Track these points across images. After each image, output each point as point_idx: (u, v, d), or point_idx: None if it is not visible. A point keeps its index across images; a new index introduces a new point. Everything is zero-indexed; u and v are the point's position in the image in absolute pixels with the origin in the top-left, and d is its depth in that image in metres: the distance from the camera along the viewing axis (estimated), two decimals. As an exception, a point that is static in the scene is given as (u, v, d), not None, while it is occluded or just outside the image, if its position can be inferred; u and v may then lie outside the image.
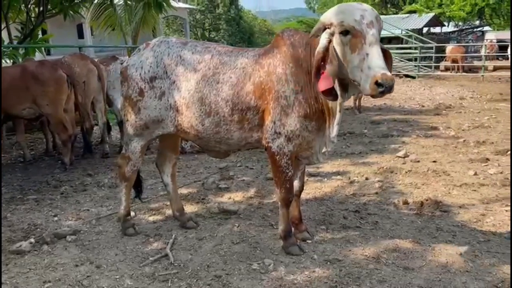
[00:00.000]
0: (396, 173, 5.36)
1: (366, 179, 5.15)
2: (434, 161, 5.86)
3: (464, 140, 7.01)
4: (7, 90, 5.34)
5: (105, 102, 6.62)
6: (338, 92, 2.78)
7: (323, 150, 3.12)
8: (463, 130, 7.94)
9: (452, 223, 3.85)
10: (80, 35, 23.50)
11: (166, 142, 3.72)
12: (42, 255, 3.33)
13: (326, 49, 2.69)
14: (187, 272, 3.03)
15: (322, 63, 2.71)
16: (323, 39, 2.71)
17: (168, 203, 4.07)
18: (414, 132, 7.84)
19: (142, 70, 3.24)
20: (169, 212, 4.09)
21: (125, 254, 3.33)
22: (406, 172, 5.38)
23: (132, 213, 4.03)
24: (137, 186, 3.83)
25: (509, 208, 4.16)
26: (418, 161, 5.87)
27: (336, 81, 2.77)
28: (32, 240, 3.49)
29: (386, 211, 4.13)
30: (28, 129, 7.51)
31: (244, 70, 3.06)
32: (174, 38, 3.41)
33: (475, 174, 5.23)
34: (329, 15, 2.69)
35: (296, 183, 3.37)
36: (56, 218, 4.07)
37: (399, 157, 6.09)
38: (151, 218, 4.06)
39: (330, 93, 2.71)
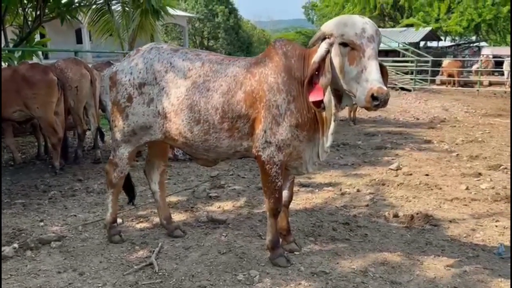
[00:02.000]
0: (387, 186, 5.34)
1: (358, 191, 5.12)
2: (427, 175, 5.85)
3: (457, 154, 7.02)
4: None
5: (97, 108, 6.58)
6: (332, 103, 2.80)
7: (315, 160, 3.10)
8: (456, 144, 7.94)
9: (441, 237, 3.82)
10: (79, 40, 23.52)
11: (155, 149, 3.69)
12: (24, 261, 3.27)
13: (323, 60, 2.70)
14: (171, 282, 2.99)
15: (317, 73, 2.70)
16: (322, 49, 2.72)
17: (157, 210, 4.03)
18: (407, 144, 7.84)
19: (131, 76, 3.22)
20: (157, 220, 4.04)
21: (109, 262, 3.27)
22: (398, 185, 5.36)
23: (119, 220, 3.99)
24: (130, 191, 3.80)
25: (499, 223, 4.15)
26: (411, 174, 5.86)
27: (331, 92, 2.77)
28: (16, 245, 3.43)
29: (376, 224, 4.10)
30: (20, 133, 7.45)
31: (235, 78, 3.04)
32: (165, 44, 3.39)
33: (467, 188, 5.22)
34: (330, 25, 2.69)
35: (285, 194, 3.34)
36: (42, 223, 4.01)
37: (392, 169, 6.07)
38: (138, 226, 4.01)
39: (319, 104, 2.72)
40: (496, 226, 4.11)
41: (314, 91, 2.69)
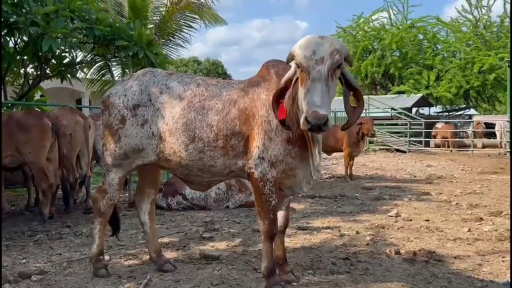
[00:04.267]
0: (388, 229, 5.16)
1: (357, 233, 4.94)
2: (427, 220, 5.68)
3: (457, 203, 6.88)
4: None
5: (90, 156, 6.52)
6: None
7: (309, 179, 3.02)
8: (455, 195, 7.82)
9: (447, 271, 3.62)
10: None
11: (146, 177, 3.59)
12: (1, 293, 3.05)
13: (290, 81, 2.73)
14: (158, 310, 2.76)
15: (285, 92, 2.73)
16: (290, 71, 2.77)
17: (147, 250, 3.83)
18: (406, 196, 7.71)
19: (125, 98, 3.21)
20: (146, 257, 3.83)
21: (93, 293, 3.05)
22: (398, 228, 5.19)
23: (107, 257, 3.78)
24: (114, 222, 3.62)
25: (506, 259, 3.95)
26: (411, 220, 5.69)
27: None
28: (-6, 278, 3.22)
29: (377, 259, 3.90)
30: (11, 185, 7.31)
31: (229, 96, 3.07)
32: (160, 69, 3.44)
33: (469, 230, 5.05)
34: (294, 46, 2.71)
35: (280, 217, 3.19)
36: (24, 261, 3.80)
37: (391, 216, 5.91)
38: (126, 262, 3.80)
39: (284, 123, 2.74)
40: (503, 261, 3.91)
41: (280, 109, 2.72)
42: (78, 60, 9.59)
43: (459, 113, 27.62)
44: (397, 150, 17.84)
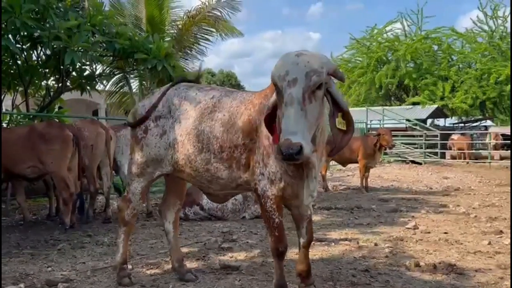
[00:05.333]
0: (406, 241, 5.15)
1: (375, 245, 4.93)
2: (445, 233, 5.64)
3: (475, 216, 6.82)
4: (12, 149, 5.41)
5: (111, 167, 6.64)
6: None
7: (306, 202, 2.93)
8: (473, 208, 7.74)
9: (468, 284, 3.60)
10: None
11: (172, 187, 3.67)
12: (29, 300, 3.13)
13: (275, 103, 2.59)
14: (182, 319, 2.81)
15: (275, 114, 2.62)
16: (274, 94, 2.63)
17: (168, 259, 3.89)
18: (423, 208, 7.66)
19: (149, 110, 3.32)
20: (168, 267, 3.90)
21: (118, 302, 3.11)
22: (417, 241, 5.17)
23: (129, 266, 3.85)
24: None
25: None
26: (429, 232, 5.66)
27: None
28: (22, 285, 3.31)
29: (397, 272, 3.90)
30: (33, 195, 7.47)
31: (237, 108, 3.07)
32: (184, 83, 3.53)
33: (489, 243, 5.00)
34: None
35: (303, 232, 3.15)
36: (49, 269, 3.89)
37: (409, 228, 5.89)
38: (148, 272, 3.87)
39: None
40: (526, 275, 3.87)
41: (275, 134, 2.60)
42: (97, 72, 9.83)
43: (475, 124, 27.30)
44: (413, 162, 17.72)
